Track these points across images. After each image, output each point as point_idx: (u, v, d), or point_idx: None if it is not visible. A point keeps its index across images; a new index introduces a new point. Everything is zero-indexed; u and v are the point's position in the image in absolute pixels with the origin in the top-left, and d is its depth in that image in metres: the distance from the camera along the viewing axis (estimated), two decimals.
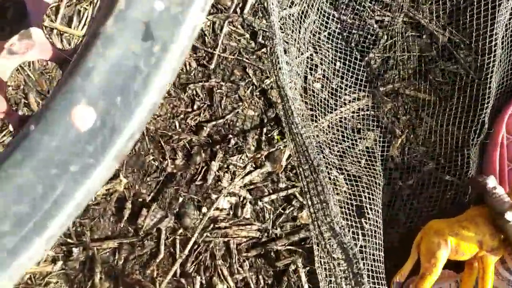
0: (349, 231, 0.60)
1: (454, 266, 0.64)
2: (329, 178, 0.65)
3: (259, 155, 0.64)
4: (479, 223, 0.61)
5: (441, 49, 0.65)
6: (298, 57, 0.66)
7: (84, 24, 0.67)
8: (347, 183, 0.65)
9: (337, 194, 0.65)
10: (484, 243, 0.60)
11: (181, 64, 0.22)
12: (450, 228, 0.61)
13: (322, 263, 0.51)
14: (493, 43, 0.59)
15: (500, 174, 0.65)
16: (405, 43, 0.66)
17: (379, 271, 0.62)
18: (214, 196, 0.65)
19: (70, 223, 0.22)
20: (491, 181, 0.61)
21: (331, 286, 0.49)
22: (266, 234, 0.67)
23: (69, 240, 0.64)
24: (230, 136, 0.65)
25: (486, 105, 0.61)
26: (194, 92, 0.64)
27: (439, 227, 0.62)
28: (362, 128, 0.67)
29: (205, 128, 0.64)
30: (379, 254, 0.63)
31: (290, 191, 0.67)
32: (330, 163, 0.65)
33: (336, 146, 0.65)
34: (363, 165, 0.66)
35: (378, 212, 0.64)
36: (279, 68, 0.49)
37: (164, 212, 0.64)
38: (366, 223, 0.62)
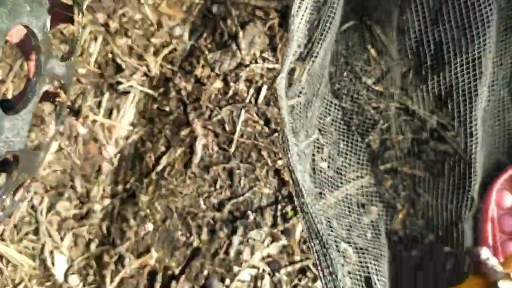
0: None
1: None
2: (338, 251, 0.72)
3: (275, 230, 0.72)
4: (480, 284, 0.68)
5: (431, 131, 0.75)
6: (306, 140, 0.75)
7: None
8: (355, 254, 0.72)
9: (348, 264, 0.72)
10: None
11: None
12: None
13: None
14: (473, 128, 0.68)
15: (494, 246, 0.72)
16: (399, 127, 0.76)
17: None
18: (236, 269, 0.72)
19: None
20: (484, 253, 0.68)
21: None
22: None
23: None
24: (249, 212, 0.73)
25: (473, 182, 0.69)
26: (217, 173, 0.73)
27: None
28: (366, 203, 0.75)
29: (226, 205, 0.73)
30: None
31: (304, 263, 0.74)
32: (339, 235, 0.72)
33: (343, 219, 0.73)
34: (369, 238, 0.74)
35: (385, 282, 0.71)
36: (288, 151, 0.59)
37: (191, 284, 0.71)
38: None
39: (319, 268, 0.51)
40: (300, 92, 0.79)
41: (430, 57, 0.75)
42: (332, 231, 0.72)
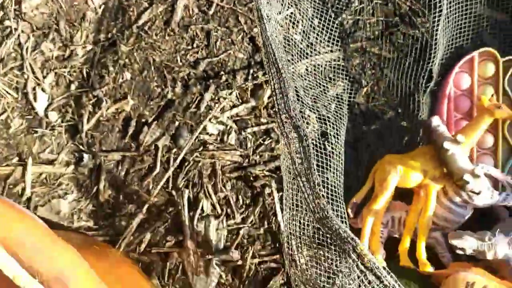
0: (316, 156, 0.71)
1: (404, 198, 0.75)
2: (302, 116, 0.77)
3: (244, 86, 0.76)
4: (425, 156, 0.73)
5: (403, 15, 0.79)
6: (282, 13, 0.79)
7: None
8: (318, 121, 0.77)
9: (310, 132, 0.77)
10: (428, 172, 0.71)
11: None
12: (400, 160, 0.73)
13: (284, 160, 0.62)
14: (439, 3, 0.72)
15: (448, 122, 0.77)
16: (372, 9, 0.79)
17: (338, 195, 0.73)
18: (205, 123, 0.77)
19: None
20: (435, 120, 0.73)
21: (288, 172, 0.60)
22: (247, 160, 0.79)
23: (81, 148, 0.76)
24: (222, 73, 0.78)
25: (433, 54, 0.73)
26: (195, 33, 0.77)
27: (392, 159, 0.73)
28: (333, 77, 0.79)
29: (201, 63, 0.77)
30: (339, 181, 0.74)
31: (269, 126, 0.79)
32: (304, 104, 0.77)
33: (311, 90, 0.78)
34: (333, 109, 0.78)
35: (341, 146, 0.76)
36: (262, 18, 0.62)
37: (162, 131, 0.77)
38: (331, 153, 0.74)
39: (272, 87, 0.56)
40: None
41: None
42: (298, 99, 0.77)
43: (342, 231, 0.50)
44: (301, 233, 0.65)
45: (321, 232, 0.63)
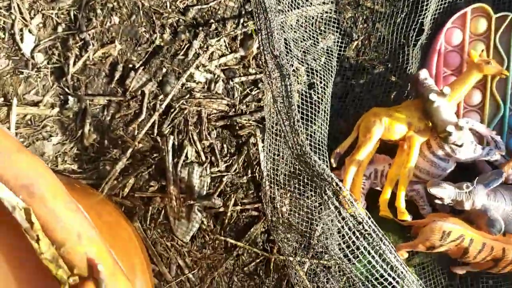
0: (302, 105, 0.71)
1: (389, 153, 0.75)
2: (292, 68, 0.76)
3: (233, 34, 0.76)
4: (411, 109, 0.73)
5: None
6: None
7: None
8: (306, 74, 0.76)
9: (297, 83, 0.77)
10: (413, 124, 0.71)
11: None
12: (386, 111, 0.73)
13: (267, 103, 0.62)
14: None
15: (437, 77, 0.76)
16: None
17: (323, 145, 0.73)
18: (193, 70, 0.77)
19: None
20: (423, 73, 0.72)
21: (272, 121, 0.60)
22: (233, 109, 0.78)
23: (67, 90, 0.76)
24: (212, 21, 0.77)
25: (425, 7, 0.72)
26: None
27: (378, 110, 0.73)
28: (324, 29, 0.78)
29: (191, 10, 0.76)
30: (324, 132, 0.74)
31: (257, 76, 0.79)
32: (294, 56, 0.76)
33: (301, 43, 0.77)
34: (322, 62, 0.78)
35: (328, 99, 0.76)
36: None
37: (149, 77, 0.76)
38: (318, 104, 0.73)
39: (257, 28, 0.55)
40: None
41: None
42: (288, 52, 0.76)
43: (319, 168, 0.50)
44: (283, 181, 0.65)
45: (301, 178, 0.64)
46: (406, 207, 0.71)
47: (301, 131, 0.51)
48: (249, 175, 0.77)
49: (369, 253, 0.53)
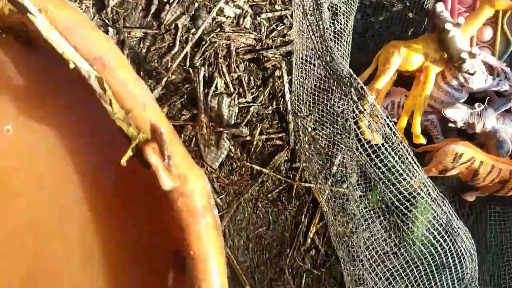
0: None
1: (405, 85, 0.81)
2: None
3: None
4: (428, 41, 0.78)
5: None
6: None
7: None
8: (329, 9, 0.81)
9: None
10: (429, 55, 0.76)
11: None
12: (404, 43, 0.78)
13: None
14: None
15: (452, 14, 0.81)
16: None
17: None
18: (222, 4, 0.82)
19: None
20: (440, 6, 0.77)
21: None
22: (260, 44, 0.84)
23: (107, 22, 0.82)
24: None
25: None
26: None
27: (396, 43, 0.78)
28: None
29: None
30: (346, 62, 0.79)
31: (284, 12, 0.84)
32: None
33: None
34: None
35: (349, 33, 0.81)
36: None
37: (182, 10, 0.82)
38: (340, 35, 0.78)
39: None
40: None
41: None
42: None
43: (346, 72, 0.56)
44: (308, 93, 0.70)
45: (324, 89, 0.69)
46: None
47: (330, 38, 0.57)
48: (274, 106, 0.83)
49: (392, 157, 0.59)
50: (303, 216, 0.83)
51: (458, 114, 0.72)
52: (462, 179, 0.76)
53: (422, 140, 0.75)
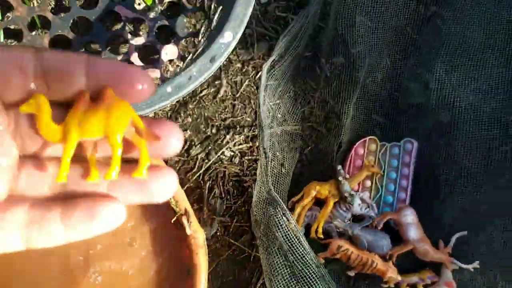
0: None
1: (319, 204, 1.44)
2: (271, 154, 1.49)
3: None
4: (332, 184, 1.42)
5: None
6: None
7: None
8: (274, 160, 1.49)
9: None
10: (331, 191, 1.41)
11: None
12: (319, 184, 1.43)
13: None
14: None
15: (348, 171, 1.47)
16: None
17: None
18: (224, 149, 1.50)
19: None
20: (339, 167, 1.43)
21: None
22: (242, 172, 1.50)
23: None
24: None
25: (342, 135, 1.46)
26: None
27: (315, 183, 1.43)
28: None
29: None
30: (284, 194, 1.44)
31: (257, 157, 1.51)
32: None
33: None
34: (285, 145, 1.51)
35: (290, 173, 1.47)
36: None
37: (201, 149, 1.50)
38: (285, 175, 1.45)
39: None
40: None
41: None
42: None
43: (279, 203, 1.20)
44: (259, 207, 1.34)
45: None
46: (323, 233, 1.39)
47: (271, 183, 1.22)
48: (246, 208, 1.47)
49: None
50: None
51: (340, 225, 1.36)
52: (342, 260, 1.37)
53: (321, 235, 1.38)
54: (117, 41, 1.51)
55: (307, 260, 1.19)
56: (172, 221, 1.05)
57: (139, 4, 1.50)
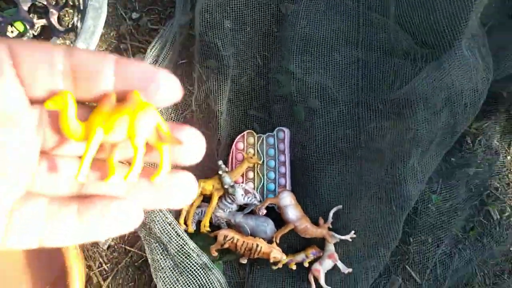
0: None
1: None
2: None
3: None
4: (216, 178, 1.50)
5: None
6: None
7: None
8: None
9: None
10: (215, 186, 1.49)
11: None
12: (203, 181, 1.51)
13: None
14: None
15: (231, 165, 1.57)
16: None
17: None
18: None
19: None
20: (220, 162, 1.52)
21: None
22: None
23: None
24: None
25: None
26: None
27: (203, 180, 1.52)
28: None
29: None
30: None
31: None
32: None
33: None
34: None
35: None
36: None
37: None
38: None
39: None
40: None
41: None
42: None
43: None
44: None
45: None
46: (215, 227, 1.47)
47: None
48: None
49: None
50: None
51: (223, 215, 1.45)
52: (230, 248, 1.46)
53: (208, 228, 1.46)
54: None
55: (187, 250, 1.26)
56: None
57: (12, 32, 1.54)
